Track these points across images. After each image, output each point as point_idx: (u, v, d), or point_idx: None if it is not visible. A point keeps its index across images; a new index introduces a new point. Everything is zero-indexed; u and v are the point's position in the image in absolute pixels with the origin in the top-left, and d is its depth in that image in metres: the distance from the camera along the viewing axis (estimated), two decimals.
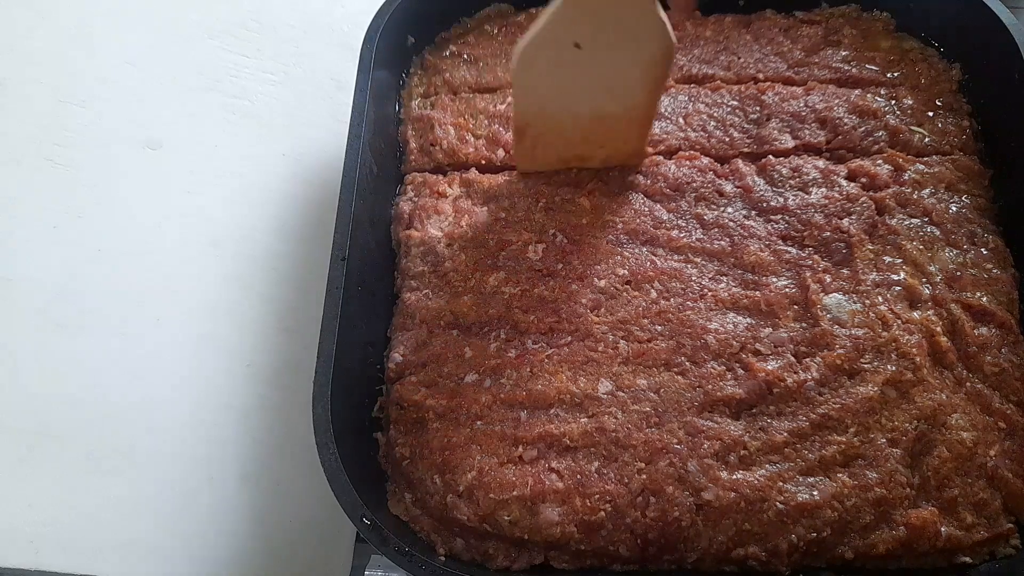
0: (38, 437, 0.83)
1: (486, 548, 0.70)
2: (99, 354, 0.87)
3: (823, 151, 0.86)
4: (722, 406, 0.73)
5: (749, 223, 0.81)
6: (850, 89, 0.90)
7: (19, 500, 0.80)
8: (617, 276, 0.79)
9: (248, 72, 1.06)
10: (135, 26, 1.06)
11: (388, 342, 0.80)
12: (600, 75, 0.73)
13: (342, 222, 0.76)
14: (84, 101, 1.00)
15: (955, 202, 0.83)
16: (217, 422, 0.86)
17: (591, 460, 0.71)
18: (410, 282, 0.81)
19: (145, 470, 0.83)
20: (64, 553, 0.79)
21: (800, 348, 0.75)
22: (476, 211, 0.84)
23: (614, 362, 0.75)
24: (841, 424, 0.72)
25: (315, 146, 1.03)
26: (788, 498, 0.68)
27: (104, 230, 0.93)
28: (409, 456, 0.73)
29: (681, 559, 0.69)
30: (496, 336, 0.77)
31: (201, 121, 1.02)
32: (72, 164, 0.96)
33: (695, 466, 0.70)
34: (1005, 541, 0.70)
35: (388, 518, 0.71)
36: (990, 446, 0.72)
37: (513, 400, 0.73)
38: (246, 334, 0.91)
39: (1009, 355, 0.76)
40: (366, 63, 0.84)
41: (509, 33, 0.96)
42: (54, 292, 0.89)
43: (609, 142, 0.81)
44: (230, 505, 0.82)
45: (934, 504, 0.70)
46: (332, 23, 1.11)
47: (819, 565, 0.69)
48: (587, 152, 0.82)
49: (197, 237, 0.95)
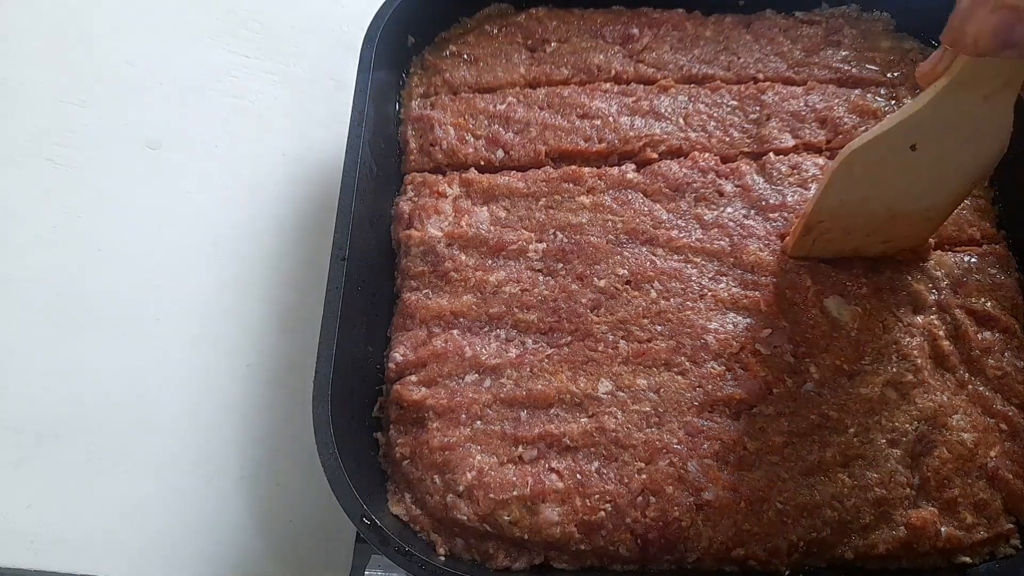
0: (38, 437, 0.83)
1: (486, 548, 0.70)
2: (99, 354, 0.87)
3: (823, 150, 0.86)
4: (722, 406, 0.73)
5: (748, 222, 0.81)
6: (850, 89, 0.90)
7: (19, 500, 0.80)
8: (617, 276, 0.79)
9: (248, 72, 1.06)
10: (135, 26, 1.06)
11: (388, 342, 0.80)
12: (920, 177, 0.69)
13: (342, 222, 0.76)
14: (84, 101, 1.00)
15: None
16: (217, 422, 0.86)
17: (591, 460, 0.71)
18: (410, 282, 0.81)
19: (145, 470, 0.83)
20: (64, 553, 0.79)
21: (800, 348, 0.75)
22: (476, 211, 0.84)
23: (614, 362, 0.75)
24: (841, 424, 0.72)
25: (315, 146, 1.03)
26: (788, 498, 0.68)
27: (104, 230, 0.93)
28: (409, 456, 0.73)
29: (681, 559, 0.69)
30: (496, 336, 0.77)
31: (201, 121, 1.02)
32: (72, 164, 0.96)
33: (695, 466, 0.70)
34: (1005, 541, 0.70)
35: (388, 518, 0.71)
36: (991, 447, 0.71)
37: (513, 400, 0.73)
38: (246, 334, 0.91)
39: (1012, 359, 0.76)
40: (366, 63, 0.84)
41: (509, 33, 0.96)
42: (54, 292, 0.89)
43: (894, 238, 0.77)
44: (230, 505, 0.82)
45: (934, 504, 0.70)
46: (332, 23, 1.11)
47: (819, 565, 0.69)
48: (866, 245, 0.78)
49: (197, 237, 0.95)
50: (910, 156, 0.67)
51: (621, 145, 0.87)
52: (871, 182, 0.70)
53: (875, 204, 0.72)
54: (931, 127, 0.65)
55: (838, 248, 0.78)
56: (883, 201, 0.72)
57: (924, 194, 0.72)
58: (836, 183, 0.71)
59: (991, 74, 0.61)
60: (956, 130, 0.65)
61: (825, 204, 0.73)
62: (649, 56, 0.93)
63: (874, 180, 0.70)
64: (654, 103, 0.89)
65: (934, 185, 0.71)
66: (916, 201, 0.72)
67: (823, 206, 0.73)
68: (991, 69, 0.60)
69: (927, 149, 0.67)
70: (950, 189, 0.71)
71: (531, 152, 0.87)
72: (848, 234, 0.76)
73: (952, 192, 0.72)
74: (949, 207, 0.74)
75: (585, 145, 0.87)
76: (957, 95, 0.62)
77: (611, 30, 0.95)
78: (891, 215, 0.73)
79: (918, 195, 0.72)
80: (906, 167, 0.68)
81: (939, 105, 0.63)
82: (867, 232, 0.76)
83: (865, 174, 0.69)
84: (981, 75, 0.61)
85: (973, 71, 0.60)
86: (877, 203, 0.72)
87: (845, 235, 0.76)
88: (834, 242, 0.77)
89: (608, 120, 0.88)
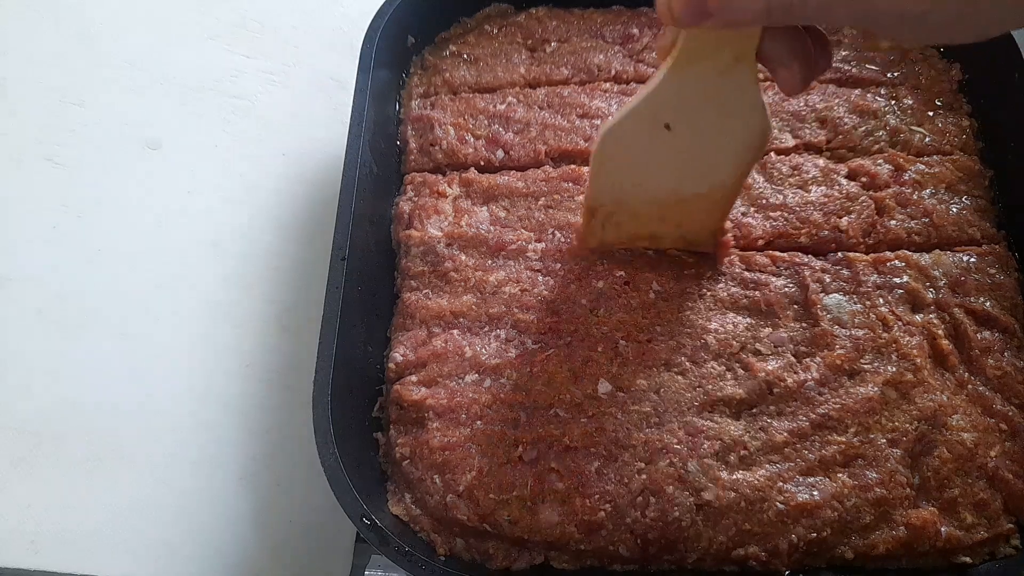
0: (38, 437, 0.83)
1: (486, 548, 0.70)
2: (99, 354, 0.87)
3: (823, 150, 0.86)
4: (722, 406, 0.73)
5: (747, 220, 0.81)
6: (850, 89, 0.90)
7: (19, 500, 0.80)
8: (616, 276, 0.79)
9: (248, 72, 1.06)
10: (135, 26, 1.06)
11: (388, 342, 0.80)
12: (688, 157, 0.68)
13: (342, 222, 0.76)
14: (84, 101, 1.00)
15: (956, 203, 0.83)
16: (217, 422, 0.86)
17: (591, 460, 0.71)
18: (410, 282, 0.81)
19: (145, 470, 0.83)
20: (64, 553, 0.79)
21: (800, 348, 0.75)
22: (476, 211, 0.84)
23: (614, 362, 0.75)
24: (841, 424, 0.72)
25: (315, 146, 1.03)
26: (788, 498, 0.68)
27: (104, 230, 0.93)
28: (409, 456, 0.73)
29: (681, 559, 0.69)
30: (496, 336, 0.77)
31: (201, 121, 1.02)
32: (72, 164, 0.96)
33: (695, 466, 0.70)
34: (1005, 541, 0.70)
35: (388, 518, 0.71)
36: (991, 447, 0.71)
37: (513, 400, 0.73)
38: (246, 334, 0.91)
39: (1012, 359, 0.76)
40: (366, 63, 0.84)
41: (509, 33, 0.96)
42: (54, 292, 0.89)
43: (687, 222, 0.76)
44: (230, 505, 0.82)
45: (934, 504, 0.70)
46: (332, 23, 1.11)
47: (819, 565, 0.69)
48: (661, 231, 0.77)
49: (197, 237, 0.95)
50: (668, 136, 0.65)
51: None
52: (635, 163, 0.69)
53: (653, 187, 0.72)
54: (678, 105, 0.63)
55: (632, 233, 0.78)
56: (661, 183, 0.71)
57: (701, 176, 0.70)
58: (599, 164, 0.70)
59: (713, 47, 0.58)
60: (706, 108, 0.63)
61: (598, 187, 0.73)
62: (649, 56, 0.93)
63: (637, 161, 0.68)
64: None
65: (708, 166, 0.69)
66: (696, 184, 0.71)
67: (597, 189, 0.73)
68: (711, 42, 0.57)
69: (683, 128, 0.65)
70: (725, 171, 0.70)
71: (531, 152, 0.87)
72: (637, 219, 0.75)
73: (729, 174, 0.70)
74: (733, 189, 0.72)
75: (585, 145, 0.87)
76: (690, 70, 0.59)
77: (611, 30, 0.95)
78: (677, 199, 0.72)
79: (695, 177, 0.70)
80: (669, 147, 0.66)
81: (675, 81, 0.60)
82: (658, 217, 0.75)
83: (626, 155, 0.68)
84: (704, 49, 0.58)
85: (694, 45, 0.57)
86: (655, 186, 0.71)
87: (635, 220, 0.76)
88: (625, 227, 0.77)
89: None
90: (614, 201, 0.74)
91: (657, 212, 0.75)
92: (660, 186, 0.71)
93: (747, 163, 0.69)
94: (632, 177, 0.71)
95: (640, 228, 0.77)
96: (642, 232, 0.78)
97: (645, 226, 0.77)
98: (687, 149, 0.67)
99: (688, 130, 0.65)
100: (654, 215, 0.75)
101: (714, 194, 0.72)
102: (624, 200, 0.74)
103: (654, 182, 0.71)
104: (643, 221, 0.76)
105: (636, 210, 0.75)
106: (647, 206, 0.74)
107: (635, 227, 0.77)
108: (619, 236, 0.78)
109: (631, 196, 0.73)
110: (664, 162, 0.69)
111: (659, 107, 0.63)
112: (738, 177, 0.70)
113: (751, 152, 0.67)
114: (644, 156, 0.68)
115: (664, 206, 0.74)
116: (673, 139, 0.65)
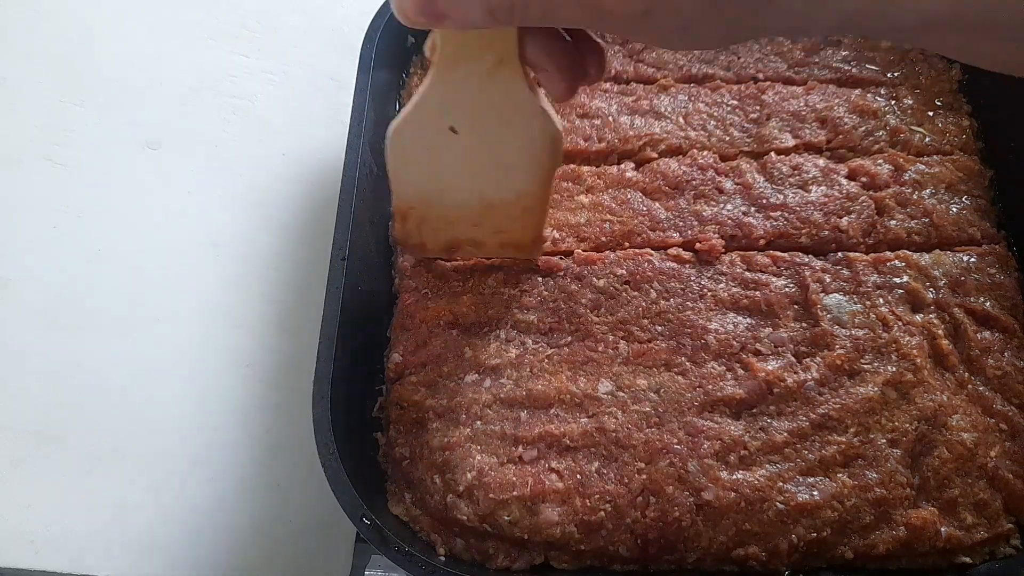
0: (38, 437, 0.83)
1: (486, 548, 0.70)
2: (99, 354, 0.87)
3: (823, 150, 0.86)
4: (722, 406, 0.73)
5: (747, 219, 0.81)
6: (850, 89, 0.90)
7: (19, 500, 0.80)
8: (616, 276, 0.79)
9: (248, 72, 1.06)
10: (135, 26, 1.06)
11: (388, 342, 0.80)
12: (482, 162, 0.66)
13: (342, 222, 0.76)
14: (84, 101, 1.00)
15: (956, 203, 0.83)
16: (217, 422, 0.86)
17: (591, 460, 0.71)
18: (409, 282, 0.81)
19: (145, 470, 0.83)
20: (64, 553, 0.79)
21: (800, 348, 0.75)
22: None
23: (614, 362, 0.75)
24: (841, 424, 0.72)
25: (315, 146, 1.03)
26: (788, 498, 0.68)
27: (104, 230, 0.93)
28: (409, 456, 0.73)
29: (681, 559, 0.69)
30: (496, 336, 0.77)
31: (201, 121, 1.02)
32: (72, 164, 0.96)
33: (695, 466, 0.70)
34: (1005, 541, 0.70)
35: (388, 518, 0.71)
36: (991, 447, 0.71)
37: (513, 400, 0.73)
38: (246, 335, 0.91)
39: (1012, 359, 0.75)
40: (366, 63, 0.84)
41: None
42: (54, 292, 0.89)
43: (504, 229, 0.74)
44: (230, 505, 0.82)
45: (934, 504, 0.70)
46: (332, 23, 1.11)
47: (819, 565, 0.69)
48: (481, 237, 0.76)
49: (197, 237, 0.95)
50: (456, 139, 0.63)
51: (621, 144, 0.86)
52: (431, 165, 0.67)
53: (457, 191, 0.70)
54: (456, 108, 0.61)
55: (450, 237, 0.76)
56: (463, 188, 0.70)
57: (500, 182, 0.69)
58: (395, 166, 0.69)
59: (474, 49, 0.56)
60: (486, 112, 0.61)
61: (399, 190, 0.72)
62: (649, 55, 0.93)
63: (433, 163, 0.67)
64: (654, 102, 0.89)
65: (504, 172, 0.68)
66: (498, 189, 0.70)
67: (399, 192, 0.72)
68: (470, 43, 0.56)
69: (469, 132, 0.63)
70: (525, 177, 0.68)
71: None
72: (452, 224, 0.74)
73: (530, 181, 0.68)
74: (540, 197, 0.70)
75: (584, 144, 0.87)
76: (457, 71, 0.58)
77: None
78: (484, 204, 0.71)
79: (495, 183, 0.69)
80: (461, 150, 0.65)
81: (446, 82, 0.59)
82: (472, 223, 0.74)
83: (419, 156, 0.66)
84: (464, 50, 0.56)
85: (451, 46, 0.56)
86: (458, 190, 0.70)
87: (449, 224, 0.74)
88: (442, 231, 0.75)
89: (608, 119, 0.88)
90: (422, 204, 0.72)
91: (469, 217, 0.73)
92: (463, 190, 0.70)
93: (547, 170, 0.67)
94: (432, 180, 0.69)
95: (458, 234, 0.75)
96: (461, 238, 0.76)
97: (463, 232, 0.75)
98: (478, 154, 0.65)
99: (474, 134, 0.63)
100: (467, 220, 0.73)
101: (523, 201, 0.71)
102: (432, 204, 0.72)
103: (456, 186, 0.70)
104: (459, 227, 0.74)
105: (447, 215, 0.73)
106: (457, 211, 0.72)
107: (452, 232, 0.75)
108: (437, 241, 0.77)
109: (437, 200, 0.71)
110: (460, 166, 0.67)
111: (437, 109, 0.61)
112: (542, 184, 0.69)
113: (547, 158, 0.66)
114: (438, 159, 0.66)
115: (474, 211, 0.72)
116: (462, 142, 0.64)
